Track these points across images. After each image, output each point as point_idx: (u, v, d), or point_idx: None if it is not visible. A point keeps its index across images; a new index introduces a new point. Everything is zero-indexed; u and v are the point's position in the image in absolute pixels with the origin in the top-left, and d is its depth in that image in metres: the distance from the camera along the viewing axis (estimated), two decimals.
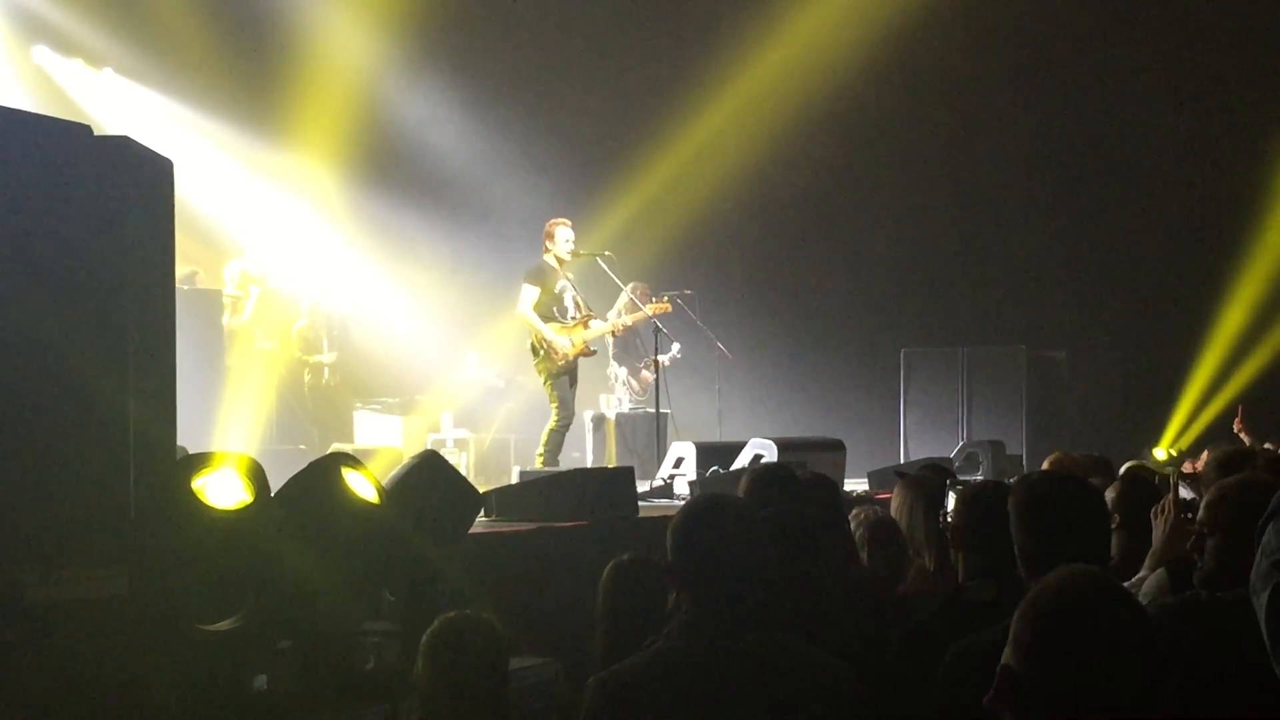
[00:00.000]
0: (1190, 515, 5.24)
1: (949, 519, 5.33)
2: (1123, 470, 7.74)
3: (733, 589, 3.85)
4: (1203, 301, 17.03)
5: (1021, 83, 18.27)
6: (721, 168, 18.42)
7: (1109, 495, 6.16)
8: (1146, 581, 5.12)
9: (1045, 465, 8.35)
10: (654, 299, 13.98)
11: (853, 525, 6.06)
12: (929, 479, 6.33)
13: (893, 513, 6.25)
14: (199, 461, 5.19)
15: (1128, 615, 2.95)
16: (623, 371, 15.50)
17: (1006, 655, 2.96)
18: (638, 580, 5.41)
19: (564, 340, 12.75)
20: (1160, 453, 15.30)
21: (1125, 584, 5.16)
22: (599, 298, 13.70)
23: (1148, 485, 6.28)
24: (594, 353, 13.43)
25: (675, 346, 14.96)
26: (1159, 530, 5.33)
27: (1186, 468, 11.30)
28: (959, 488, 5.55)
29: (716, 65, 18.16)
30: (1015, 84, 18.29)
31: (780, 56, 17.89)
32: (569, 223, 13.10)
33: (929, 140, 18.66)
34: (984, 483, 6.10)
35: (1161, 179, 17.67)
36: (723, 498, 4.26)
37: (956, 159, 18.64)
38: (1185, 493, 5.51)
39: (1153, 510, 5.41)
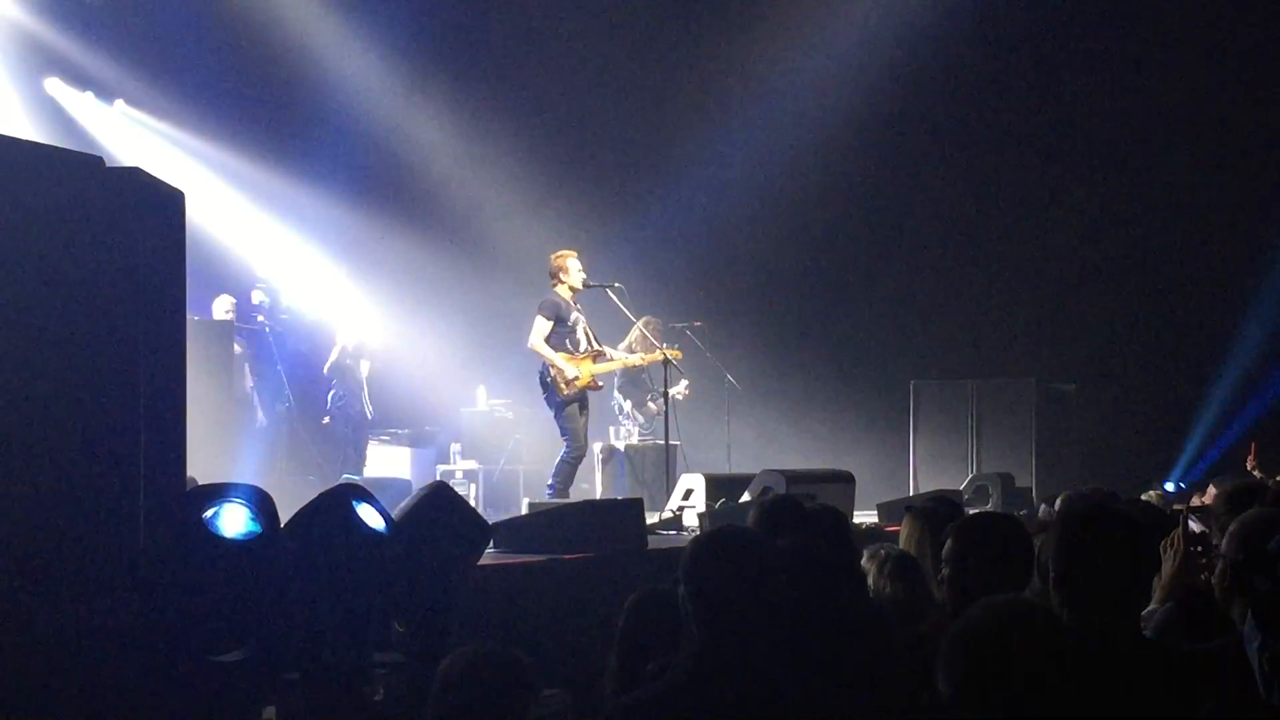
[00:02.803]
0: (1199, 548, 5.24)
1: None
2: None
3: (743, 621, 3.85)
4: (1213, 334, 17.03)
5: (1031, 116, 18.30)
6: (732, 200, 18.47)
7: None
8: (1157, 615, 5.11)
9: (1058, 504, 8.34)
10: (665, 344, 13.92)
11: (873, 562, 6.03)
12: (938, 511, 6.32)
13: (901, 545, 6.24)
14: (209, 492, 5.19)
15: (1057, 641, 3.06)
16: (627, 404, 15.48)
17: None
18: (659, 610, 5.39)
19: (574, 370, 12.76)
20: (1170, 486, 15.26)
21: None
22: (611, 329, 13.71)
23: (1158, 517, 6.28)
24: (601, 386, 13.45)
25: (683, 383, 14.95)
26: (1168, 563, 5.32)
27: (1194, 501, 11.27)
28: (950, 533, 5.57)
29: (727, 97, 18.23)
30: (1025, 117, 18.32)
31: (789, 89, 17.96)
32: (575, 253, 13.12)
33: (940, 172, 18.68)
34: (980, 515, 6.10)
35: (1171, 212, 17.66)
36: (735, 529, 4.26)
37: (966, 191, 18.65)
38: (1194, 526, 5.50)
39: (1162, 544, 5.41)
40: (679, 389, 14.89)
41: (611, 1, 18.19)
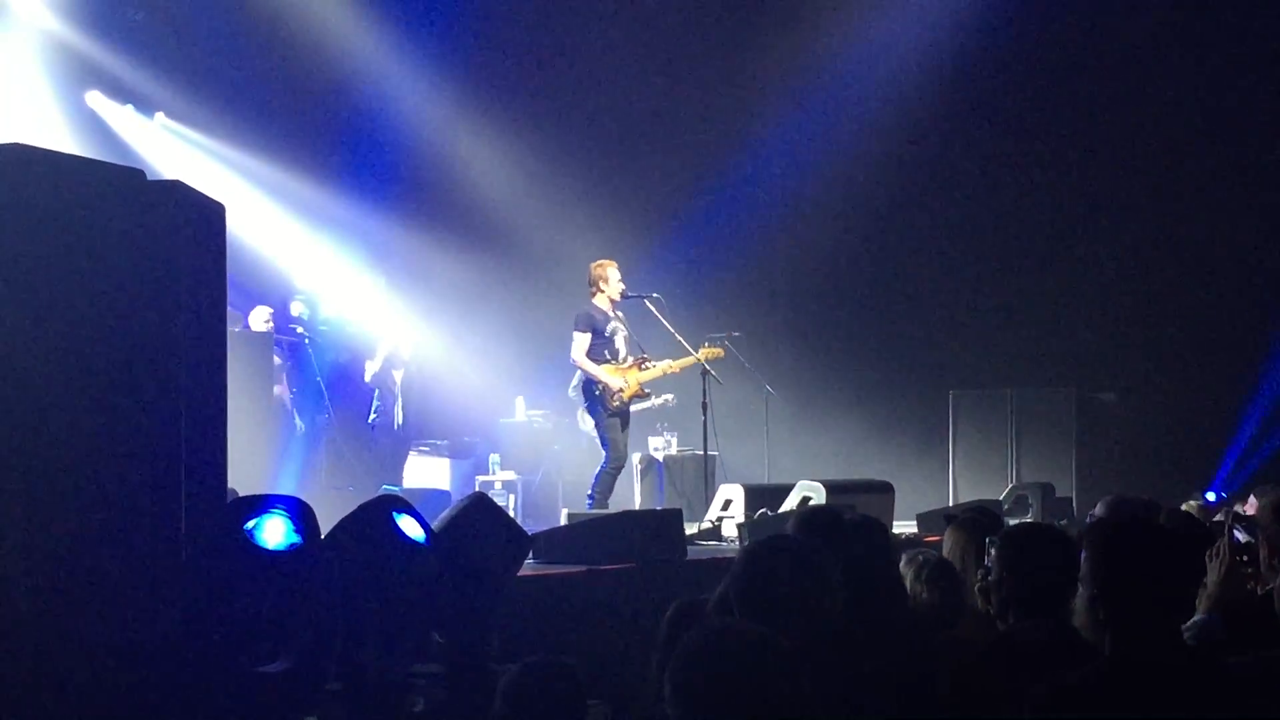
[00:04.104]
0: (1245, 558, 5.21)
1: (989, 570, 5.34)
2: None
3: (796, 631, 3.84)
4: (1253, 343, 16.93)
5: (1070, 123, 18.23)
6: (770, 209, 18.47)
7: None
8: (1196, 624, 5.09)
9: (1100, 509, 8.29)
10: (706, 343, 13.90)
11: (911, 567, 6.03)
12: (980, 521, 6.30)
13: (945, 553, 6.23)
14: (250, 503, 5.20)
15: (775, 668, 3.17)
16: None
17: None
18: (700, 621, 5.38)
19: (620, 381, 12.79)
20: (1210, 496, 15.18)
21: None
22: (646, 340, 13.69)
23: (1198, 527, 6.25)
24: (649, 395, 13.46)
25: (670, 397, 15.13)
26: (1214, 573, 5.29)
27: (1238, 509, 11.20)
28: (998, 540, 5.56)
29: (764, 106, 18.21)
30: (1064, 125, 18.25)
31: (826, 97, 17.94)
32: (614, 263, 13.15)
33: (978, 181, 18.62)
34: (1029, 525, 6.10)
35: (1212, 220, 17.56)
36: (787, 540, 4.25)
37: (1006, 200, 18.59)
38: (1240, 535, 5.48)
39: (1208, 553, 5.38)
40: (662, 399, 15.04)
41: (651, 16, 18.21)
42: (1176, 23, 17.36)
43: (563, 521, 11.93)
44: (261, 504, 5.18)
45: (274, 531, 5.09)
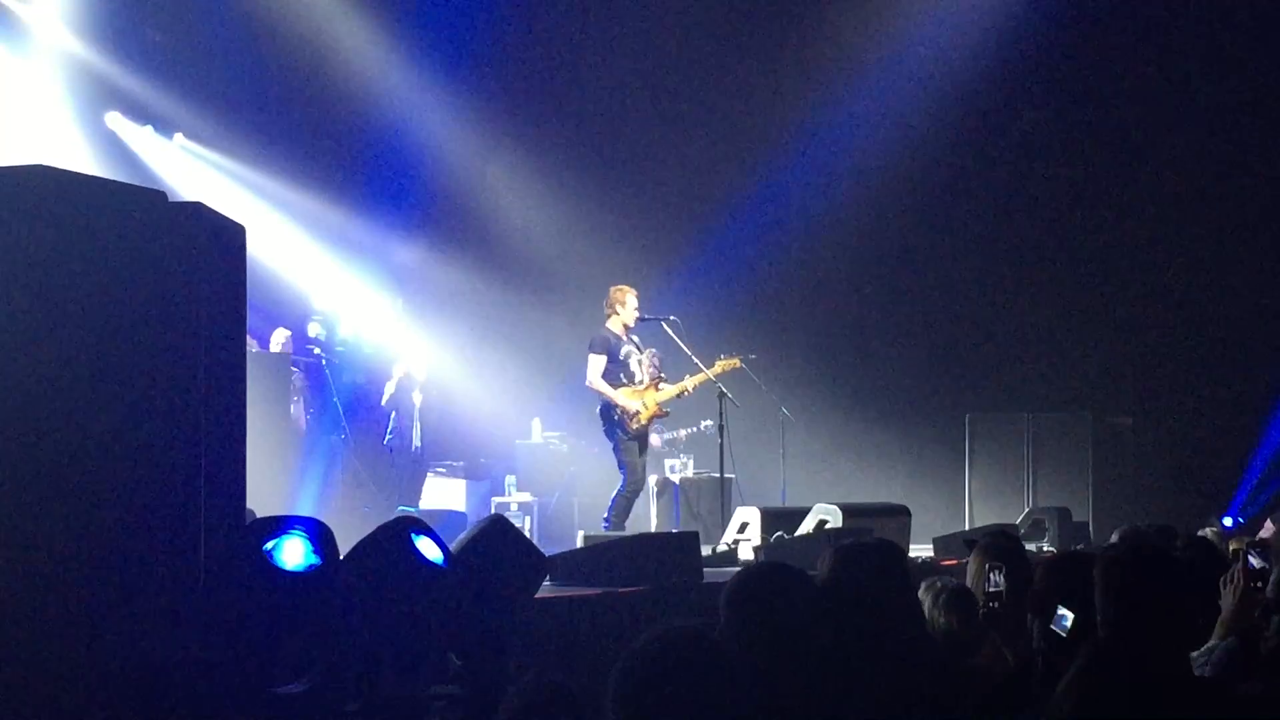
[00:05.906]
0: (1260, 584, 5.21)
1: (995, 593, 5.35)
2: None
3: (788, 658, 3.84)
4: (1270, 368, 16.90)
5: (1086, 147, 18.23)
6: (786, 233, 18.48)
7: None
8: (1217, 650, 5.08)
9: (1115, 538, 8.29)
10: (722, 356, 13.88)
11: (929, 594, 6.02)
12: (1003, 547, 6.30)
13: (968, 580, 6.22)
14: (269, 524, 5.22)
15: (716, 675, 3.21)
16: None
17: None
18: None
19: (636, 404, 12.79)
20: (1228, 521, 15.14)
21: (1194, 653, 5.15)
22: (663, 362, 13.69)
23: (1214, 553, 6.25)
24: (668, 414, 13.47)
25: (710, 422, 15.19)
26: (1229, 599, 5.29)
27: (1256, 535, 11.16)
28: (1000, 565, 5.56)
29: (780, 131, 18.23)
30: (1080, 148, 18.25)
31: (842, 123, 17.96)
32: (634, 290, 13.17)
33: (995, 207, 18.62)
34: (1067, 553, 6.11)
35: (1230, 246, 17.55)
36: (777, 567, 4.26)
37: (1023, 226, 18.59)
38: (1254, 561, 5.48)
39: (1222, 578, 5.38)
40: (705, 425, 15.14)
41: (670, 44, 18.25)
42: (1205, 48, 17.36)
43: (579, 544, 11.91)
44: (280, 525, 5.19)
45: (293, 552, 5.11)
